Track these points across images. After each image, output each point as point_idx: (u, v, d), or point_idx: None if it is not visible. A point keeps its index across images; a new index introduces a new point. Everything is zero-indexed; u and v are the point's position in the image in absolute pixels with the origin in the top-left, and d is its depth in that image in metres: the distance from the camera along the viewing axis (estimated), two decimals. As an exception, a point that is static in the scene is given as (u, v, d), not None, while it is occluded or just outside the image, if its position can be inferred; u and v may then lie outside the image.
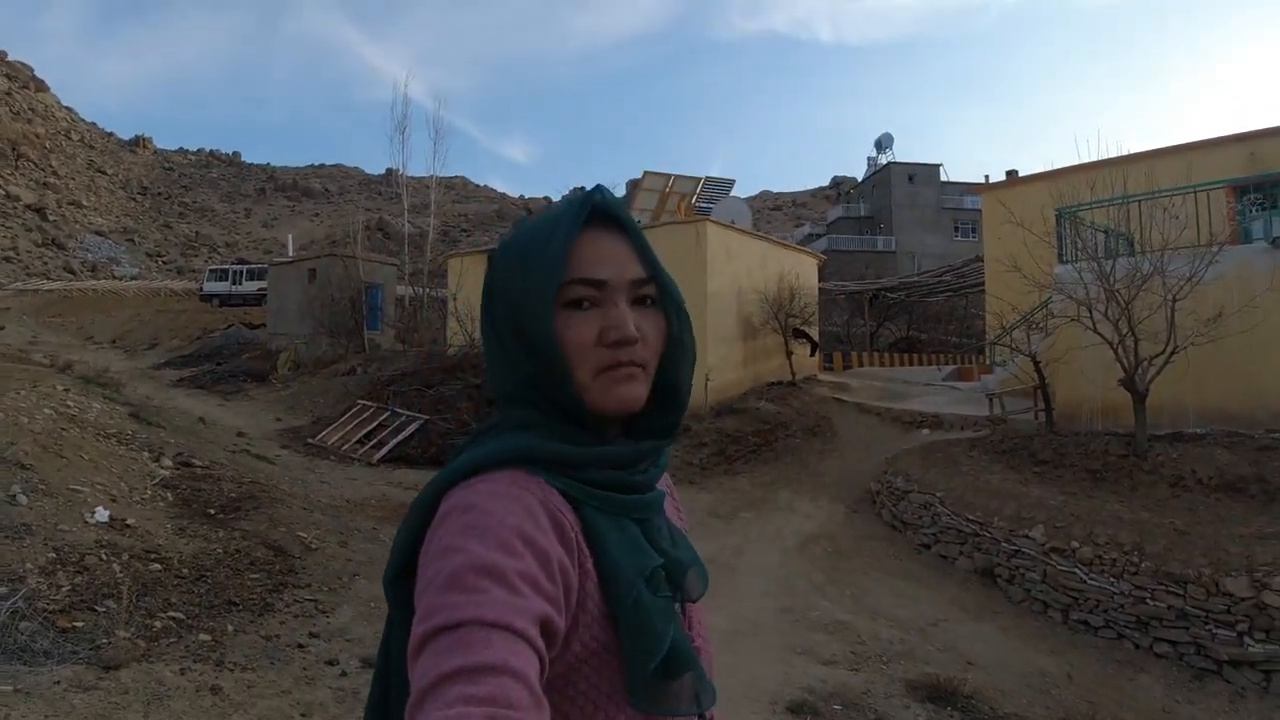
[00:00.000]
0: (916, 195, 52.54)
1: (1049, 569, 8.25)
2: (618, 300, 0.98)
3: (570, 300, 0.97)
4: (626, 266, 1.00)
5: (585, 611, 0.89)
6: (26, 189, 62.49)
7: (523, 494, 0.89)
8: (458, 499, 0.87)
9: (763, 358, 19.53)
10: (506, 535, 0.82)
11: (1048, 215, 12.71)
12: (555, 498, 0.92)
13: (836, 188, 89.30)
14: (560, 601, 0.84)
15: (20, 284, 44.80)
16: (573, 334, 0.96)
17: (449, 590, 0.76)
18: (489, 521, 0.83)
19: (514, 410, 1.01)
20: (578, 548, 0.91)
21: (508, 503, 0.86)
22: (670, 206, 23.84)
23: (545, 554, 0.84)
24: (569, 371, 0.96)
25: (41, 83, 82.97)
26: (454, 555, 0.79)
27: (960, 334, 36.49)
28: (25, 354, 17.23)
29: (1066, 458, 10.25)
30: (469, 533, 0.82)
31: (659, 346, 1.02)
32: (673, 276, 1.09)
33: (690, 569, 1.02)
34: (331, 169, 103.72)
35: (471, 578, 0.76)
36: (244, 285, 38.07)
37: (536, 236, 1.00)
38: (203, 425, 14.44)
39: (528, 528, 0.84)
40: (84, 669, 4.27)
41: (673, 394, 1.06)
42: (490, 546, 0.80)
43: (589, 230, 1.00)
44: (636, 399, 0.99)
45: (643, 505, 1.00)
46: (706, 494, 12.76)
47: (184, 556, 6.59)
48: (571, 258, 0.97)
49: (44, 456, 7.43)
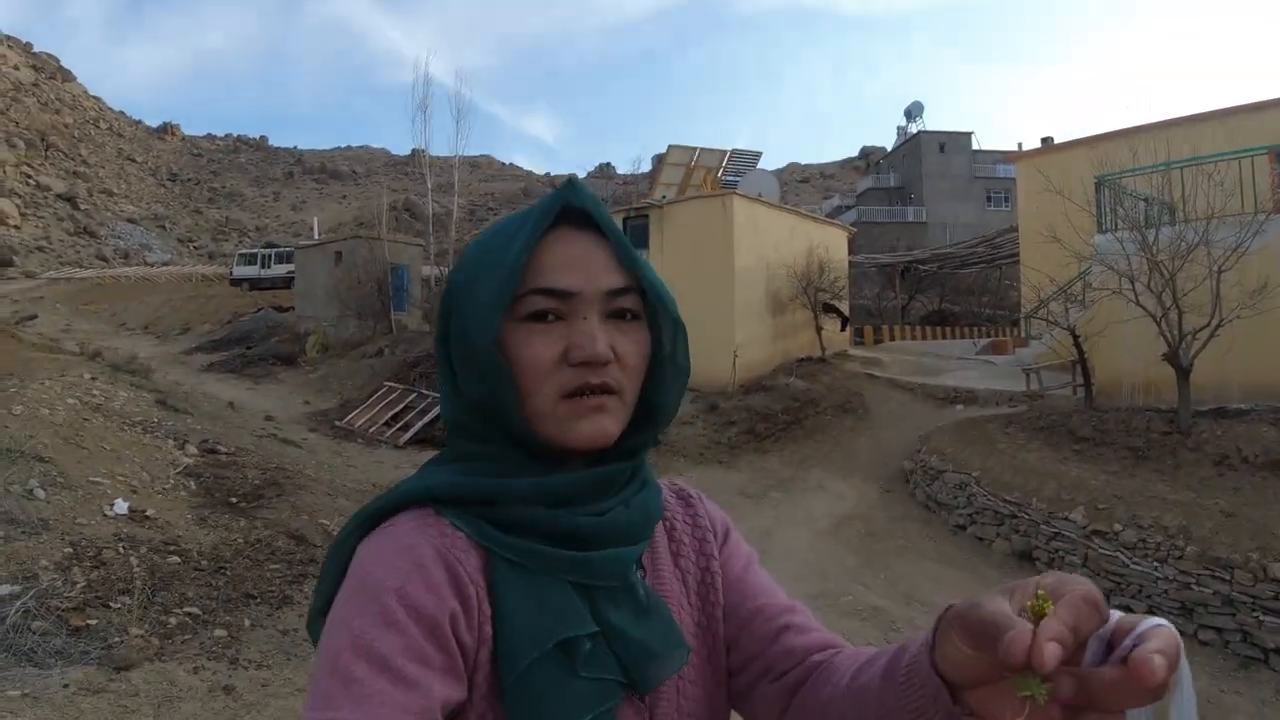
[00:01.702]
0: (948, 164, 51.61)
1: (1090, 552, 8.00)
2: (587, 313, 0.83)
3: (532, 313, 0.82)
4: (600, 274, 0.85)
5: (475, 687, 0.75)
6: (57, 178, 63.30)
7: (418, 544, 0.77)
8: (359, 552, 0.79)
9: (792, 333, 19.25)
10: (389, 603, 0.72)
11: (1086, 183, 12.32)
12: (459, 543, 0.79)
13: (866, 158, 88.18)
14: (460, 670, 0.74)
15: (53, 273, 45.40)
16: (530, 351, 0.82)
17: (331, 677, 0.68)
18: (371, 588, 0.73)
19: (459, 441, 0.88)
20: (477, 606, 0.77)
21: (394, 559, 0.76)
22: (696, 181, 23.52)
23: (432, 620, 0.73)
24: (515, 396, 0.82)
25: (68, 73, 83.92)
26: (337, 632, 0.72)
27: (994, 307, 35.87)
28: (57, 342, 17.39)
29: (1107, 435, 9.95)
30: (351, 602, 0.73)
31: (640, 367, 0.87)
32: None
33: (654, 657, 0.82)
34: (358, 151, 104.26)
35: (350, 662, 0.68)
36: (273, 269, 38.20)
37: (496, 239, 0.87)
38: (231, 410, 14.48)
39: (413, 589, 0.73)
40: (95, 670, 4.18)
41: (653, 415, 0.89)
42: (370, 620, 0.71)
43: (559, 232, 0.86)
44: (604, 434, 0.83)
45: (580, 567, 0.81)
46: (736, 473, 12.61)
47: (203, 548, 6.53)
48: (534, 264, 0.83)
49: (64, 449, 7.39)
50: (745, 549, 1.01)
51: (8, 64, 73.62)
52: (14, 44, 79.68)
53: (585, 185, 0.88)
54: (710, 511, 1.03)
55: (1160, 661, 0.52)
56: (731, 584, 0.96)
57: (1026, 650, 0.53)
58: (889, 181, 55.16)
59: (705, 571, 0.96)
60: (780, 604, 0.95)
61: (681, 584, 0.94)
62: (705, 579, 0.95)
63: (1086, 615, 0.55)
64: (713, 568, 0.96)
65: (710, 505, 1.04)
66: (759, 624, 0.92)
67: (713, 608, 0.94)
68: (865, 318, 30.91)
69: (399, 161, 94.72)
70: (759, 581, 0.98)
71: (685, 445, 13.99)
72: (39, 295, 38.15)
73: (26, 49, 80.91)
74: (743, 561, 0.99)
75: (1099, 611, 0.56)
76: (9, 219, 53.10)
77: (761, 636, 0.92)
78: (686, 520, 1.00)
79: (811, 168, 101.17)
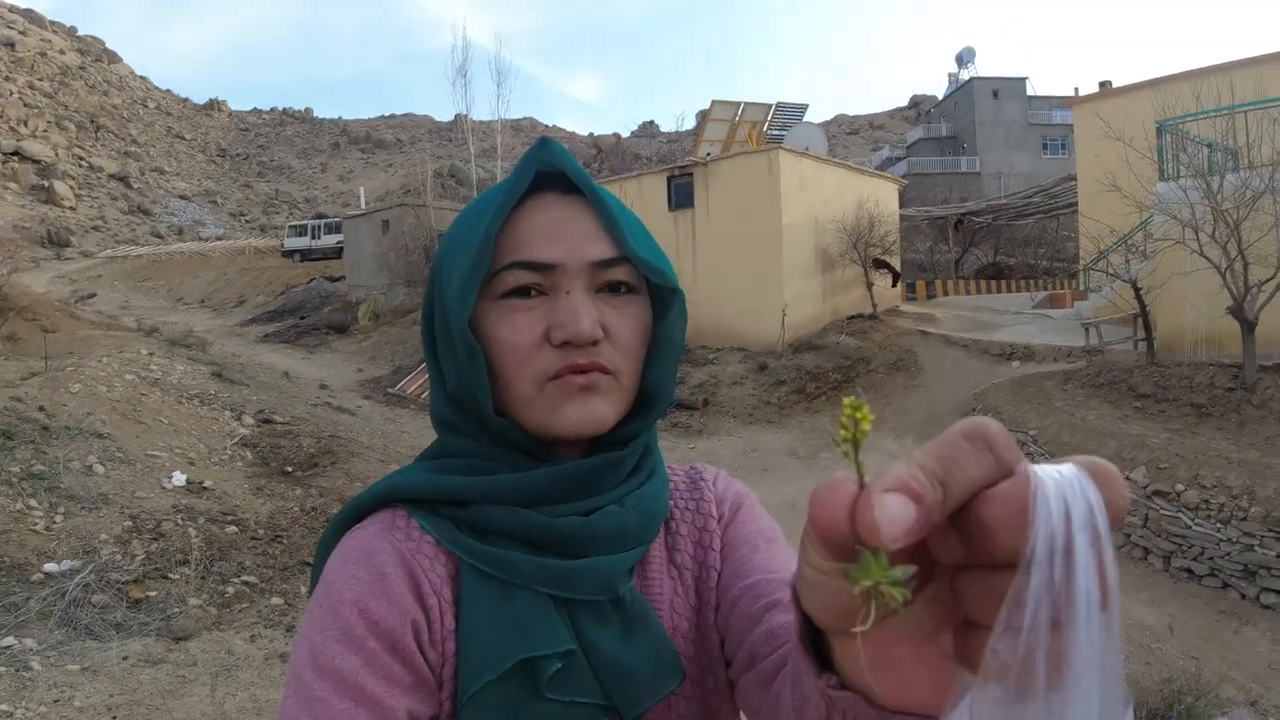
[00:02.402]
0: (1001, 111, 50.20)
1: (1151, 513, 7.83)
2: (571, 287, 0.75)
3: (512, 290, 0.75)
4: (584, 244, 0.76)
5: (440, 705, 0.70)
6: (109, 159, 64.66)
7: (380, 550, 0.72)
8: (329, 559, 0.74)
9: (841, 290, 18.98)
10: (347, 616, 0.67)
11: (1147, 128, 11.86)
12: (426, 549, 0.73)
13: (916, 107, 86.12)
14: (429, 682, 0.69)
15: (110, 251, 46.52)
16: (509, 332, 0.74)
17: (295, 696, 0.65)
18: (331, 600, 0.69)
19: (444, 436, 0.81)
20: (440, 619, 0.71)
21: (354, 569, 0.70)
22: (741, 136, 23.15)
23: (391, 634, 0.68)
24: (487, 381, 0.75)
25: (114, 55, 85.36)
26: (300, 648, 0.68)
27: (1052, 259, 34.95)
28: (116, 319, 17.87)
29: (1169, 391, 9.70)
30: (313, 615, 0.69)
31: (637, 346, 0.78)
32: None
33: (638, 682, 0.73)
34: (401, 119, 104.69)
35: (312, 681, 0.65)
36: (322, 239, 38.73)
37: (472, 212, 0.79)
38: (286, 380, 14.77)
39: (370, 601, 0.68)
40: (153, 641, 4.30)
41: (649, 399, 0.81)
42: (330, 636, 0.67)
43: (540, 199, 0.78)
44: (594, 419, 0.75)
45: (558, 579, 0.73)
46: (785, 433, 12.55)
47: (260, 517, 6.68)
48: (512, 236, 0.75)
49: (122, 424, 7.58)
50: (758, 525, 0.87)
51: (54, 49, 75.09)
52: (59, 28, 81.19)
53: (560, 145, 0.79)
54: (720, 490, 0.90)
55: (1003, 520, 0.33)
56: (730, 562, 0.83)
57: (849, 507, 0.34)
58: (940, 131, 53.86)
59: (702, 566, 0.84)
60: (779, 579, 0.77)
61: (677, 584, 0.83)
62: (702, 575, 0.84)
63: (962, 455, 0.35)
64: (710, 561, 0.84)
65: (724, 483, 0.91)
66: (745, 604, 0.77)
67: (709, 609, 0.82)
68: (917, 273, 30.39)
69: (442, 128, 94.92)
70: (763, 558, 0.81)
71: (734, 406, 13.94)
72: (97, 274, 39.14)
73: (71, 33, 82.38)
74: (747, 537, 0.85)
75: (990, 451, 0.35)
76: (64, 200, 54.43)
77: (748, 618, 0.76)
78: (689, 507, 0.87)
79: (860, 119, 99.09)
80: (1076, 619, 0.31)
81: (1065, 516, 0.31)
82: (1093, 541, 0.31)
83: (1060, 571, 0.31)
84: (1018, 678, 0.32)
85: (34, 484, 5.99)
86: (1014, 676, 0.32)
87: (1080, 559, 0.31)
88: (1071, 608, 0.31)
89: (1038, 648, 0.31)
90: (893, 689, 0.41)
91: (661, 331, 0.79)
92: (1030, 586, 0.31)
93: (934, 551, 0.36)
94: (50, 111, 64.68)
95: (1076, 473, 0.33)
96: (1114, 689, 0.32)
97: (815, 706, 0.47)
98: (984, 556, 0.34)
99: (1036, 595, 0.31)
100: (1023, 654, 0.31)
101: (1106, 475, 0.33)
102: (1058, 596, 0.31)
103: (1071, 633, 0.31)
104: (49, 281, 32.53)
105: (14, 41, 70.73)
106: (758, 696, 0.71)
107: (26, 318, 15.41)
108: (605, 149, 59.36)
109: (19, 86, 64.76)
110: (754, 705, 0.73)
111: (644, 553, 0.80)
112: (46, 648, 4.04)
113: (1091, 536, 0.31)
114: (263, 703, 3.90)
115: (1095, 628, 0.31)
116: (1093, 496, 0.32)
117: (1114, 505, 0.32)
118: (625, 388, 0.77)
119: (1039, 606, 0.31)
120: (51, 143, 60.39)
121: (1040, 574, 0.31)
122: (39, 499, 5.82)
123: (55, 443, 6.70)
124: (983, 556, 0.34)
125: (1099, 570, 0.31)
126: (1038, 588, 0.31)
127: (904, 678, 0.40)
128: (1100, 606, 0.31)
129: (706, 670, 0.80)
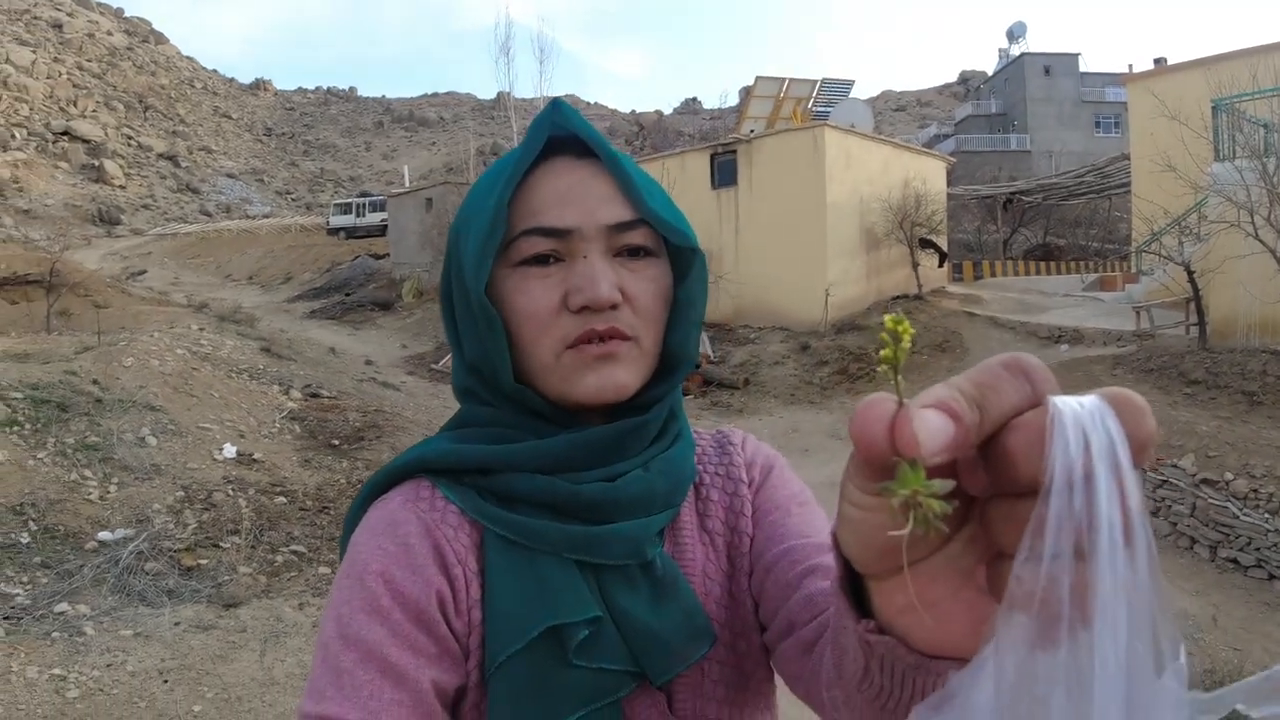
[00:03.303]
0: (1053, 88, 49.10)
1: (1199, 501, 7.69)
2: (588, 251, 0.74)
3: (529, 257, 0.74)
4: (600, 207, 0.75)
5: (468, 674, 0.71)
6: (157, 138, 65.64)
7: (405, 520, 0.72)
8: (356, 530, 0.75)
9: (886, 270, 18.76)
10: (373, 587, 0.68)
11: (1203, 107, 11.55)
12: (450, 518, 0.74)
13: (965, 84, 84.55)
14: (455, 652, 0.70)
15: (160, 229, 47.34)
16: (526, 299, 0.74)
17: (322, 666, 0.66)
18: (357, 571, 0.69)
19: (466, 406, 0.82)
20: (465, 589, 0.72)
21: (379, 539, 0.71)
22: (785, 113, 22.88)
23: (416, 604, 0.68)
24: (506, 350, 0.75)
25: (161, 35, 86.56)
26: (327, 619, 0.69)
27: (1103, 240, 34.22)
28: (166, 295, 18.21)
29: (1220, 378, 9.50)
30: (340, 586, 0.70)
31: (657, 310, 0.77)
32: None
33: (667, 647, 0.72)
34: (444, 96, 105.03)
35: (339, 652, 0.66)
36: (367, 217, 39.00)
37: (486, 180, 0.79)
38: (332, 355, 14.98)
39: (396, 572, 0.69)
40: (204, 608, 4.41)
41: (672, 363, 0.79)
42: (356, 606, 0.67)
43: (554, 164, 0.77)
44: (615, 386, 0.74)
45: (585, 544, 0.73)
46: (827, 414, 12.47)
47: (308, 488, 6.81)
48: (526, 202, 0.75)
49: (174, 397, 7.75)
50: (789, 489, 0.86)
51: (101, 30, 76.28)
52: (106, 10, 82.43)
53: (572, 107, 0.78)
54: (750, 454, 0.89)
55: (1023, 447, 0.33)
56: (762, 527, 0.82)
57: (889, 423, 0.34)
58: (990, 108, 52.87)
59: (734, 532, 0.83)
60: (814, 544, 0.77)
61: (709, 549, 0.82)
62: (734, 540, 0.83)
63: (1000, 381, 0.35)
64: (741, 526, 0.83)
65: (753, 446, 0.90)
66: (781, 569, 0.76)
67: (742, 574, 0.82)
68: (964, 253, 29.92)
69: (485, 106, 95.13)
70: (796, 523, 0.81)
71: (775, 386, 13.88)
72: (147, 251, 39.89)
73: (118, 15, 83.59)
74: (780, 501, 0.84)
75: (1026, 379, 0.35)
76: (114, 179, 55.46)
77: (784, 584, 0.75)
78: (719, 472, 0.86)
79: (907, 95, 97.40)
80: (1099, 548, 0.31)
81: (1084, 446, 0.31)
82: (1113, 471, 0.31)
83: (1080, 501, 0.31)
84: (1042, 605, 0.31)
85: (88, 455, 6.15)
86: (1037, 605, 0.32)
87: (1101, 489, 0.31)
88: (1094, 536, 0.31)
89: (1062, 575, 0.31)
90: (930, 631, 0.41)
91: (683, 294, 0.78)
92: (1050, 514, 0.31)
93: (963, 484, 0.36)
94: (99, 92, 65.81)
95: (1098, 403, 0.33)
96: (1144, 628, 0.31)
97: (854, 658, 0.48)
98: (1007, 485, 0.34)
99: (1057, 522, 0.31)
100: (1045, 581, 0.31)
101: (1129, 406, 0.33)
102: (1079, 525, 0.31)
103: (1095, 562, 0.31)
104: (101, 259, 33.23)
105: (62, 23, 72.00)
106: (798, 663, 0.71)
107: (79, 294, 15.80)
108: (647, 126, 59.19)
109: (68, 68, 65.95)
110: (794, 671, 0.72)
111: (671, 517, 0.80)
112: (100, 613, 4.16)
113: (1112, 466, 0.31)
114: (310, 669, 3.97)
115: (1119, 559, 0.31)
116: (1113, 427, 0.32)
117: (1136, 436, 0.32)
118: (646, 352, 0.76)
119: (1060, 534, 0.31)
120: (101, 123, 61.50)
121: (1060, 502, 0.31)
122: (93, 470, 5.99)
123: (109, 415, 6.87)
124: (1006, 485, 0.34)
125: (1121, 500, 0.31)
126: (1058, 515, 0.31)
127: (942, 617, 0.40)
128: (1123, 537, 0.31)
129: (739, 635, 0.80)
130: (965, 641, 0.39)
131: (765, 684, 0.81)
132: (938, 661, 0.42)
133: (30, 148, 54.07)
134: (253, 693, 3.81)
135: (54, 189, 49.88)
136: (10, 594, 4.36)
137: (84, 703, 3.48)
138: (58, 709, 3.39)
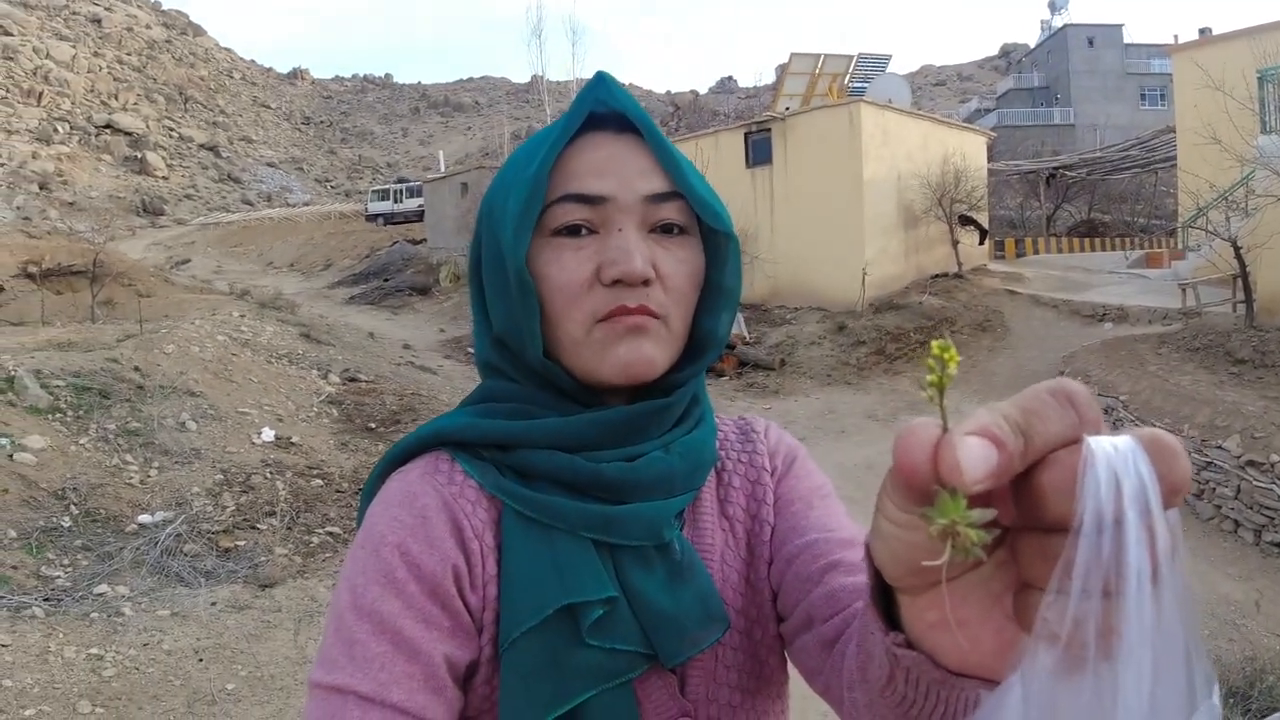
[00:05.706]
0: (1097, 60, 48.04)
1: (1244, 484, 7.48)
2: (623, 224, 0.73)
3: (563, 227, 0.73)
4: (636, 178, 0.74)
5: (482, 650, 0.70)
6: (198, 130, 66.54)
7: (423, 493, 0.72)
8: (373, 501, 0.74)
9: (925, 248, 18.45)
10: (389, 559, 0.67)
11: (1249, 78, 11.18)
12: (469, 493, 0.73)
13: (1006, 57, 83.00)
14: (469, 627, 0.69)
15: (202, 219, 48.08)
16: (557, 270, 0.73)
17: (335, 634, 0.66)
18: (374, 542, 0.69)
19: (489, 381, 0.81)
20: (481, 564, 0.71)
21: (397, 511, 0.70)
22: (821, 89, 22.58)
23: (432, 578, 0.68)
24: (538, 321, 0.73)
25: (199, 28, 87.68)
26: (342, 589, 0.69)
27: (1149, 216, 33.49)
28: (209, 283, 18.49)
29: (1268, 357, 9.27)
30: (356, 557, 0.69)
31: (688, 290, 0.76)
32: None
33: (682, 629, 0.71)
34: (479, 81, 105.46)
35: (353, 623, 0.65)
36: (404, 203, 39.30)
37: (524, 150, 0.79)
38: (371, 340, 15.13)
39: (412, 544, 0.68)
40: (240, 588, 4.47)
41: (700, 347, 0.79)
42: (371, 578, 0.67)
43: (593, 136, 0.76)
44: (646, 362, 0.73)
45: (603, 524, 0.72)
46: (864, 395, 12.35)
47: (344, 471, 6.87)
48: (563, 171, 0.74)
49: (214, 383, 7.86)
50: (812, 482, 0.85)
51: (139, 24, 77.37)
52: (144, 4, 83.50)
53: (616, 81, 0.78)
54: (774, 443, 0.88)
55: None
56: (785, 517, 0.82)
57: (931, 449, 0.34)
58: (1032, 81, 51.91)
59: (755, 519, 0.82)
60: (838, 539, 0.76)
61: (729, 535, 0.81)
62: (754, 528, 0.82)
63: (1046, 409, 0.34)
64: (763, 514, 0.82)
65: (776, 435, 0.90)
66: (803, 563, 0.75)
67: (761, 562, 0.81)
68: (1006, 230, 29.51)
69: (519, 90, 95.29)
70: (818, 515, 0.80)
71: (811, 366, 13.76)
72: (190, 241, 40.55)
73: (155, 8, 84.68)
74: (802, 493, 0.83)
75: (1073, 409, 0.34)
76: (157, 171, 56.35)
77: (805, 578, 0.74)
78: (741, 459, 0.86)
79: (947, 69, 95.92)
80: (1127, 591, 0.31)
81: (1115, 489, 0.31)
82: (1143, 516, 0.31)
83: (1110, 545, 0.31)
84: (1068, 643, 0.32)
85: (130, 440, 6.26)
86: (1064, 642, 0.32)
87: (1130, 533, 0.31)
88: (1121, 580, 0.31)
89: (1088, 616, 0.32)
90: (958, 650, 0.41)
91: (715, 278, 0.78)
92: (1079, 556, 0.32)
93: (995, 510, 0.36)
94: (139, 85, 66.84)
95: (1131, 445, 0.33)
96: (1173, 668, 0.32)
97: (879, 665, 0.48)
98: (1036, 520, 0.34)
99: (1086, 565, 0.32)
100: (1072, 620, 0.32)
101: (1163, 449, 0.33)
102: (1108, 567, 0.31)
103: (1121, 604, 0.31)
104: (145, 248, 33.81)
105: (100, 18, 73.08)
106: (818, 659, 0.70)
107: (123, 283, 16.09)
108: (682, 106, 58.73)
109: (108, 61, 67.00)
110: (813, 666, 0.72)
111: (690, 500, 0.78)
112: (138, 594, 4.22)
113: (1142, 510, 0.31)
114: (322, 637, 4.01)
115: (1146, 602, 0.31)
116: (1145, 471, 0.32)
117: (1169, 480, 0.32)
118: (675, 333, 0.76)
119: (1089, 576, 0.32)
120: (142, 115, 62.48)
121: (1089, 544, 0.32)
122: (134, 454, 6.09)
123: (150, 401, 6.98)
124: (1035, 519, 0.34)
125: (1150, 545, 0.31)
126: (1087, 557, 0.31)
127: (971, 638, 0.40)
128: (1150, 581, 0.31)
129: (755, 623, 0.79)
130: (992, 662, 0.40)
131: (779, 672, 0.81)
132: (963, 680, 0.43)
133: (73, 141, 55.07)
134: (285, 671, 3.85)
135: (98, 181, 50.80)
136: (51, 576, 4.45)
137: (119, 681, 3.54)
138: (93, 687, 3.44)
